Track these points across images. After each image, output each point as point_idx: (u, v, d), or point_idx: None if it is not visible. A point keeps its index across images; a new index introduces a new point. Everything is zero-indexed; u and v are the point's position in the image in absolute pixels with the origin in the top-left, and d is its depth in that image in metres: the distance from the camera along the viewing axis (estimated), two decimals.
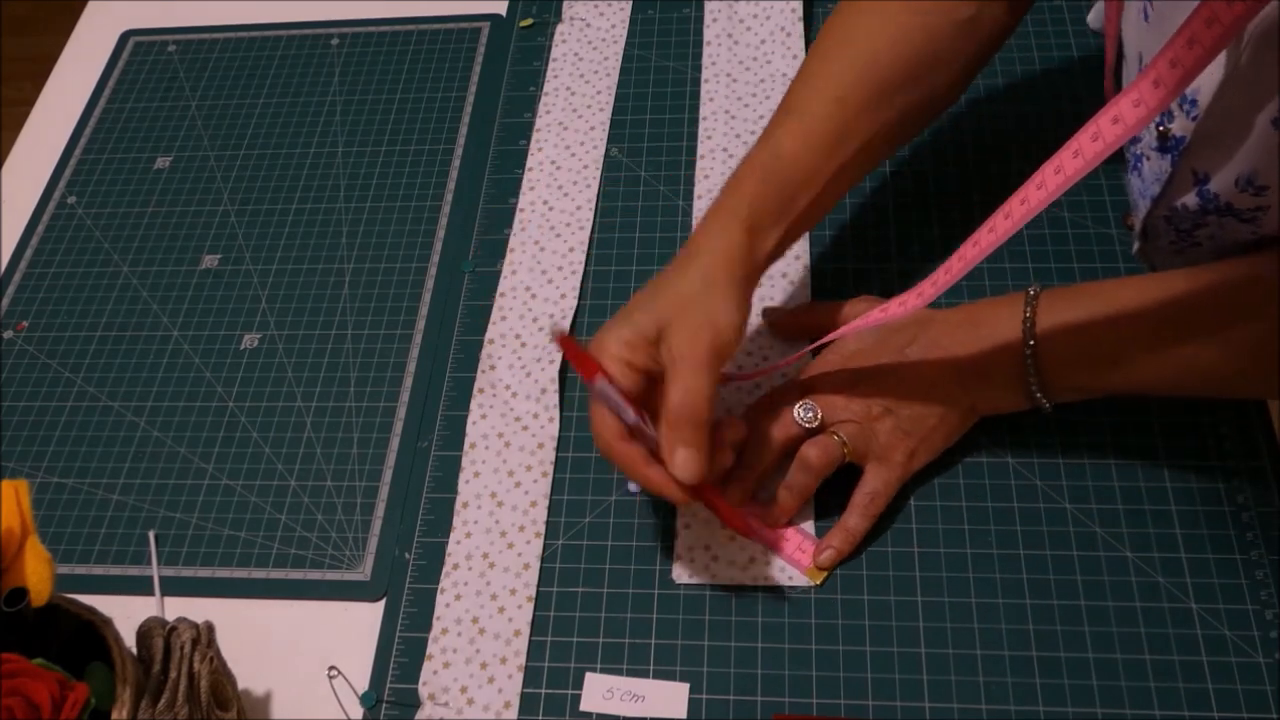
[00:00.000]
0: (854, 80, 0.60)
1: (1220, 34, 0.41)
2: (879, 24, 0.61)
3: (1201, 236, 0.56)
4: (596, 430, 0.56)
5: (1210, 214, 0.54)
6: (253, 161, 0.82)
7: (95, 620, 0.50)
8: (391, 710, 0.57)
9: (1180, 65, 0.43)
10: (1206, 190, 0.53)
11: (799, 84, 0.62)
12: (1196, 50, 0.42)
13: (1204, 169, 0.53)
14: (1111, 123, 0.46)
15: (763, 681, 0.56)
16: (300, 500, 0.66)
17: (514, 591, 0.60)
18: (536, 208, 0.76)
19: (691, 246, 0.58)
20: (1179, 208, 0.56)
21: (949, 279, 0.53)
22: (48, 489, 0.68)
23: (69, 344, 0.74)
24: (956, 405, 0.59)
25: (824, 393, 0.60)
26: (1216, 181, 0.52)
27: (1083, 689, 0.54)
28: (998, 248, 0.51)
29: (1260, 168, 0.49)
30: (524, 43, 0.86)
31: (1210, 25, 0.41)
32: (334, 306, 0.74)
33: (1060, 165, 0.48)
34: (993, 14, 0.63)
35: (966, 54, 0.63)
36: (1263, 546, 0.57)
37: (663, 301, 0.55)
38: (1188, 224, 0.56)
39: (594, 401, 0.55)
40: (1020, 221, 0.49)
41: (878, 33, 0.61)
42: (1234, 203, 0.52)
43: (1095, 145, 0.47)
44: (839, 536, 0.58)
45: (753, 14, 0.83)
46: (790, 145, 0.59)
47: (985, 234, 0.51)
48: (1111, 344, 0.55)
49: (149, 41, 0.92)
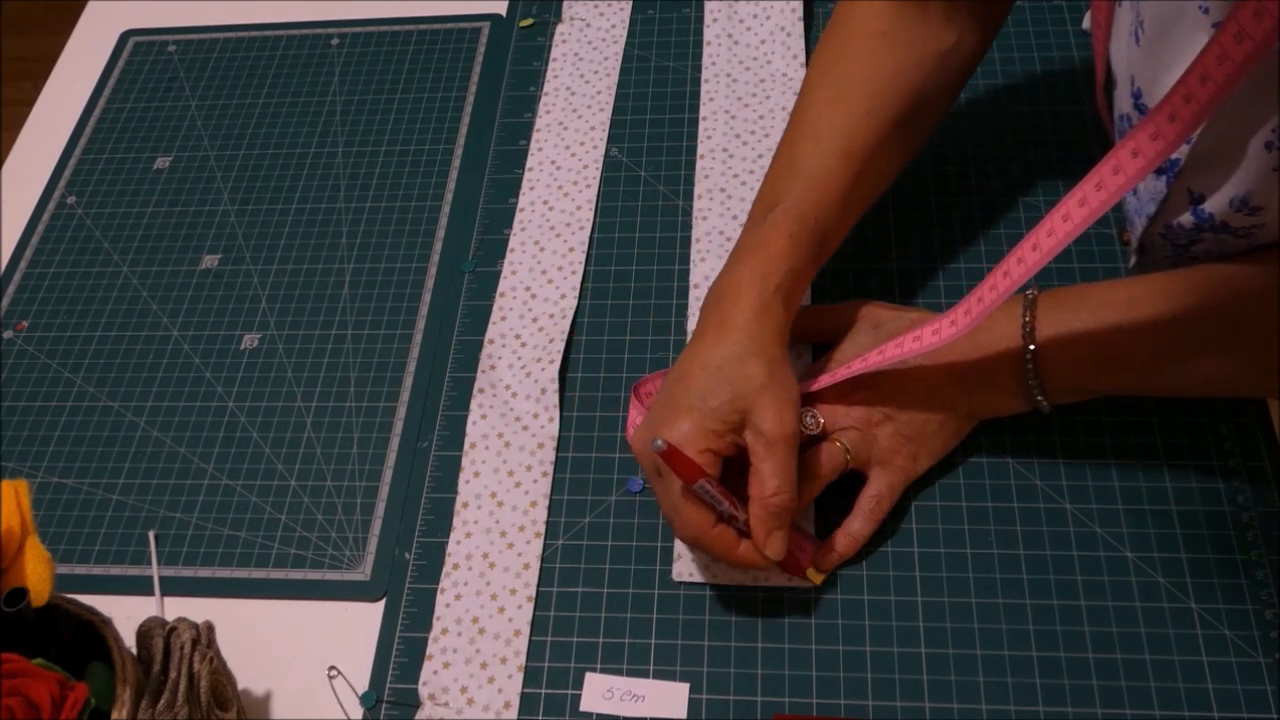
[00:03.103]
0: (857, 130, 0.60)
1: (1232, 71, 0.41)
2: (872, 68, 0.61)
3: (1198, 251, 0.57)
4: (687, 521, 0.54)
5: (1206, 232, 0.54)
6: (253, 161, 0.82)
7: (95, 620, 0.50)
8: (391, 710, 0.57)
9: (1211, 80, 0.43)
10: (1202, 210, 0.53)
11: (803, 141, 0.61)
12: (1211, 85, 0.42)
13: (1199, 190, 0.53)
14: (1132, 155, 0.46)
15: (763, 681, 0.56)
16: (300, 500, 0.66)
17: (514, 591, 0.60)
18: (536, 208, 0.76)
19: (729, 320, 0.56)
20: (1175, 226, 0.56)
21: (982, 309, 0.52)
22: (48, 489, 0.68)
23: (69, 344, 0.74)
24: (956, 409, 0.59)
25: (824, 400, 0.60)
26: (1211, 203, 0.52)
27: (1083, 689, 0.54)
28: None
29: (1254, 190, 0.49)
30: (524, 43, 0.86)
31: (1240, 40, 0.41)
32: (334, 306, 0.74)
33: (1101, 181, 0.48)
34: (971, 41, 0.64)
35: (951, 82, 0.65)
36: (1263, 546, 0.57)
37: (738, 387, 0.54)
38: (1184, 240, 0.56)
39: (684, 497, 0.54)
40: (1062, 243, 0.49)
41: (872, 76, 0.61)
42: (1229, 222, 0.52)
43: (1137, 161, 0.46)
44: (841, 540, 0.58)
45: (753, 14, 0.83)
46: (809, 210, 0.58)
47: (1015, 264, 0.51)
48: (1112, 346, 0.55)
49: (149, 41, 0.92)
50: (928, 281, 0.69)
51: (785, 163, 0.61)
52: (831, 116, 0.61)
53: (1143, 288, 0.54)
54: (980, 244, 0.70)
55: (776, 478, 0.53)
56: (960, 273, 0.69)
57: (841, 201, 0.60)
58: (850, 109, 0.60)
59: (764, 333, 0.56)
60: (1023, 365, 0.56)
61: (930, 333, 0.55)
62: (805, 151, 0.60)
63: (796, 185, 0.59)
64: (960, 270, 0.69)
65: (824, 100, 0.61)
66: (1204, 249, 0.56)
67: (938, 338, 0.54)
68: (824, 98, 0.62)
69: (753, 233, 0.59)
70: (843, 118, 0.60)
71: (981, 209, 0.72)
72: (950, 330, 0.54)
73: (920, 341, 0.55)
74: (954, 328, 0.53)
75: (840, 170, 0.59)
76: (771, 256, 0.57)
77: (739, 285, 0.57)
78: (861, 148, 0.60)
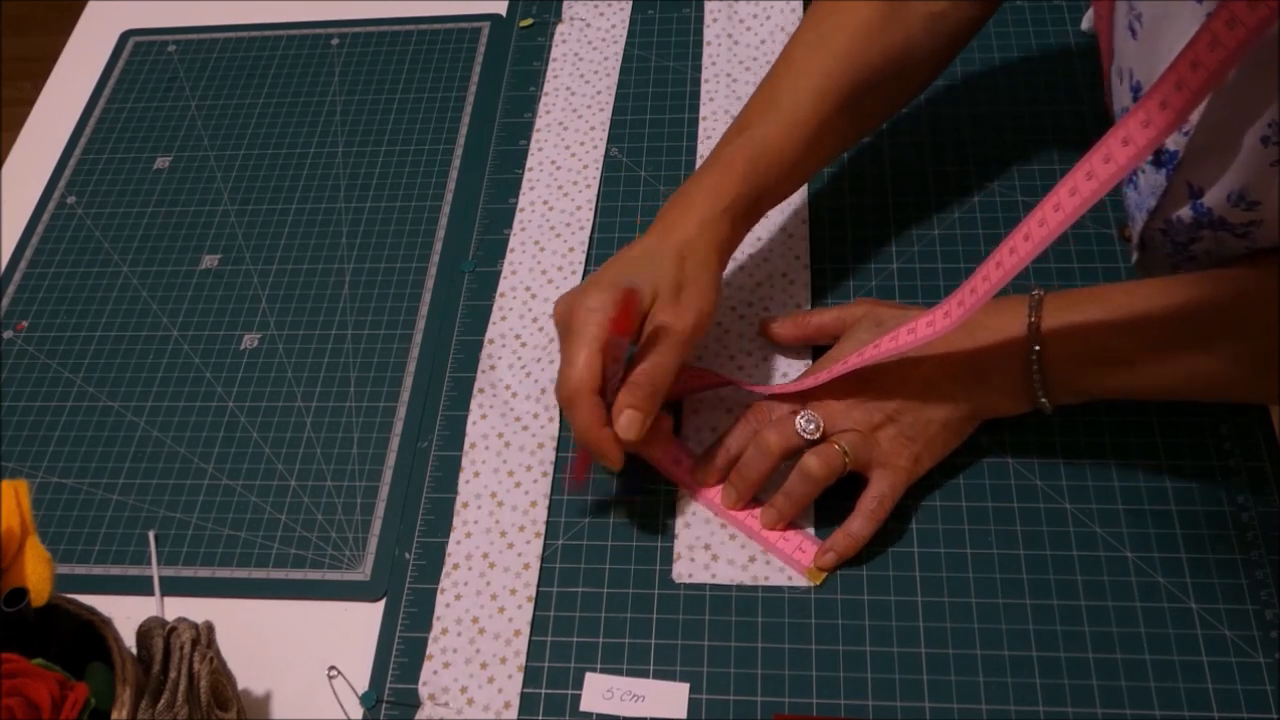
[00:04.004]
0: (834, 75, 0.62)
1: (1244, 36, 0.41)
2: (859, 18, 0.63)
3: (1197, 250, 0.57)
4: (580, 376, 0.55)
5: (1205, 228, 0.54)
6: (253, 161, 0.82)
7: (95, 620, 0.50)
8: (391, 710, 0.57)
9: (1203, 66, 0.43)
10: (1200, 205, 0.53)
11: (781, 75, 0.64)
12: (1220, 52, 0.42)
13: (1198, 183, 0.53)
14: (1123, 143, 0.46)
15: (763, 681, 0.56)
16: (300, 500, 0.66)
17: (514, 591, 0.60)
18: (536, 208, 0.76)
19: (675, 224, 0.59)
20: (1174, 220, 0.56)
21: (975, 299, 0.52)
22: (48, 489, 0.68)
23: (69, 344, 0.74)
24: (958, 409, 0.59)
25: (824, 399, 0.60)
26: (1209, 196, 0.52)
27: (1083, 689, 0.54)
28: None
29: (1251, 183, 0.49)
30: (524, 43, 0.86)
31: (1232, 27, 0.41)
32: (334, 306, 0.74)
33: (1107, 157, 0.48)
34: (965, 8, 0.65)
35: (938, 47, 0.66)
36: (1263, 546, 0.57)
37: (656, 275, 0.57)
38: (1183, 237, 0.56)
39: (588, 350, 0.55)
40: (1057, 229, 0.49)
41: (859, 26, 0.63)
42: (1227, 217, 0.52)
43: (1147, 132, 0.47)
44: (842, 541, 0.58)
45: (753, 14, 0.83)
46: (775, 140, 0.61)
47: (1007, 255, 0.51)
48: (1116, 349, 0.55)
49: (149, 41, 0.92)
50: (927, 281, 0.69)
51: (765, 95, 0.64)
52: (814, 58, 0.63)
53: (1149, 291, 0.55)
54: (980, 244, 0.70)
55: (650, 365, 0.56)
56: (960, 273, 0.69)
57: (809, 140, 0.62)
58: (834, 53, 0.63)
59: (699, 242, 0.59)
60: (1027, 364, 0.56)
61: (924, 324, 0.55)
62: (784, 86, 0.63)
63: (770, 115, 0.62)
64: (960, 270, 0.69)
65: (809, 43, 0.64)
66: (1203, 248, 0.56)
67: (931, 329, 0.54)
68: (809, 40, 0.64)
69: (719, 151, 0.62)
70: (825, 59, 0.63)
71: (981, 209, 0.72)
72: (944, 322, 0.54)
73: (915, 334, 0.55)
74: (948, 319, 0.54)
75: (812, 109, 0.62)
76: (729, 177, 0.60)
77: (690, 197, 0.60)
78: (836, 94, 0.62)
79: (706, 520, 0.61)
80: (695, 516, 0.61)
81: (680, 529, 0.61)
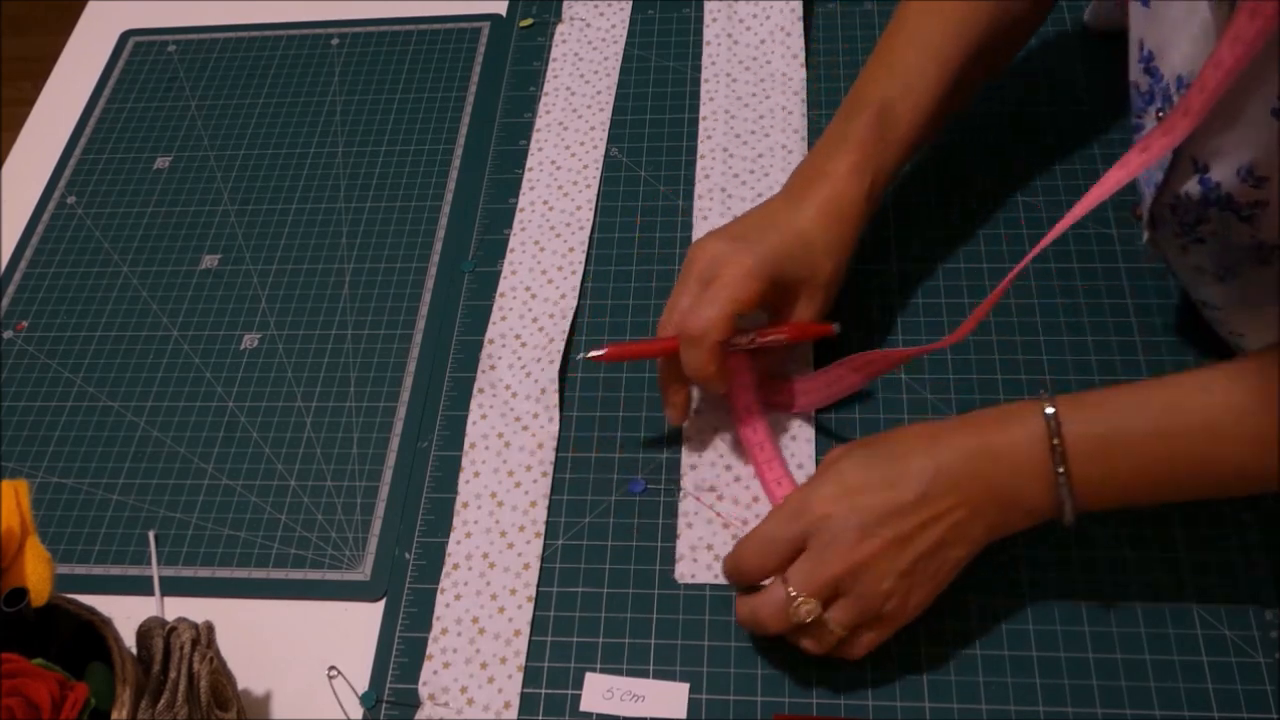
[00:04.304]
0: (950, 41, 0.63)
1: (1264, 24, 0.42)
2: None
3: (1204, 233, 0.56)
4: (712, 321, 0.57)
5: (1212, 206, 0.53)
6: (253, 161, 0.82)
7: (95, 620, 0.50)
8: (391, 710, 0.57)
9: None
10: (1208, 179, 0.52)
11: (898, 42, 0.64)
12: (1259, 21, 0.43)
13: (1204, 158, 0.52)
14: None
15: (763, 681, 0.56)
16: (300, 500, 0.66)
17: (514, 591, 0.60)
18: (536, 208, 0.76)
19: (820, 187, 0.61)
20: (1183, 197, 0.55)
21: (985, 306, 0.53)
22: (48, 489, 0.68)
23: (69, 344, 0.74)
24: (975, 543, 0.54)
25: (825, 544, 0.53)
26: (1217, 170, 0.52)
27: (1083, 689, 0.54)
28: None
29: (1260, 158, 0.49)
30: (524, 43, 0.86)
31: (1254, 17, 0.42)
32: (334, 306, 0.74)
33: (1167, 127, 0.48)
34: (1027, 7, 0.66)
35: (1031, 20, 0.68)
36: (1263, 547, 0.57)
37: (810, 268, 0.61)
38: (1191, 217, 0.56)
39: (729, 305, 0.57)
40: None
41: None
42: (1234, 194, 0.51)
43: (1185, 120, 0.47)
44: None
45: (753, 14, 0.83)
46: (902, 109, 0.62)
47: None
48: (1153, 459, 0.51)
49: (149, 41, 0.92)
50: (927, 281, 0.69)
51: (883, 63, 0.64)
52: (928, 25, 0.64)
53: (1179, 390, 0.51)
54: (980, 244, 0.70)
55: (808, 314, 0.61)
56: (960, 273, 0.69)
57: (929, 108, 0.63)
58: (945, 21, 0.64)
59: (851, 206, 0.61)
60: (1055, 488, 0.52)
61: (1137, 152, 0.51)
62: (897, 51, 0.64)
63: (894, 85, 0.63)
64: (960, 270, 0.69)
65: (919, 11, 0.64)
66: (1210, 230, 0.55)
67: (1125, 170, 0.51)
68: (920, 8, 0.65)
69: (846, 125, 0.63)
70: (938, 26, 0.64)
71: (982, 209, 0.72)
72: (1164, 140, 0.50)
73: (1127, 167, 0.51)
74: (1145, 154, 0.50)
75: (935, 77, 0.63)
76: (858, 139, 0.62)
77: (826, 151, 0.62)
78: (955, 61, 0.63)
79: (708, 521, 0.61)
80: (697, 517, 0.61)
81: (682, 529, 0.61)
